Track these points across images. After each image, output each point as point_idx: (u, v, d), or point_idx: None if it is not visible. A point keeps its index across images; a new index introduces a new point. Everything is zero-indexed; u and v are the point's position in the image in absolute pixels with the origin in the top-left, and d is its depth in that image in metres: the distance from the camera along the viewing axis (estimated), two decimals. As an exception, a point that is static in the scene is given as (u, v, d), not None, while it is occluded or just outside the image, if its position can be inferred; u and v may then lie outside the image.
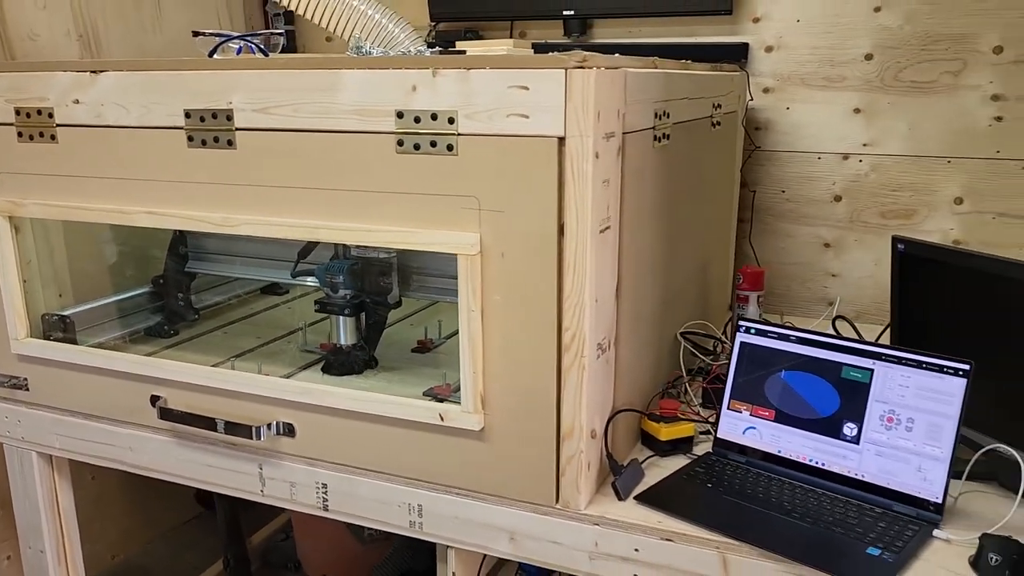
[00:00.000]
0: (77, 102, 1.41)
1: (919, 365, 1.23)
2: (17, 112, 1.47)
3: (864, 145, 2.13)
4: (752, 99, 2.15)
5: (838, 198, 2.18)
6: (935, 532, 1.17)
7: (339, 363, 1.53)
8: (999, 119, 1.99)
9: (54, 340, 1.63)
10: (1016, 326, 1.25)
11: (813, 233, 2.23)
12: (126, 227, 1.79)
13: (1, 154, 1.51)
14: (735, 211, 2.16)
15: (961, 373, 1.19)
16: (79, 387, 1.58)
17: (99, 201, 1.45)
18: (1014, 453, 1.20)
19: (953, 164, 2.06)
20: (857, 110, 2.11)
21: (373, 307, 1.55)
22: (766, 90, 2.19)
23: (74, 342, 1.65)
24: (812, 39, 2.12)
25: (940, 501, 1.19)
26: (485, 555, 1.44)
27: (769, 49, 2.16)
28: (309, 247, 1.60)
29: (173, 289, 1.89)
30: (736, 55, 2.15)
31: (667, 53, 2.17)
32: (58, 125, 1.44)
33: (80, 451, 1.63)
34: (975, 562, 1.09)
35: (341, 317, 1.54)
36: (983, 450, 1.24)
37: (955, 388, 1.20)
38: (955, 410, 1.19)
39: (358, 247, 1.51)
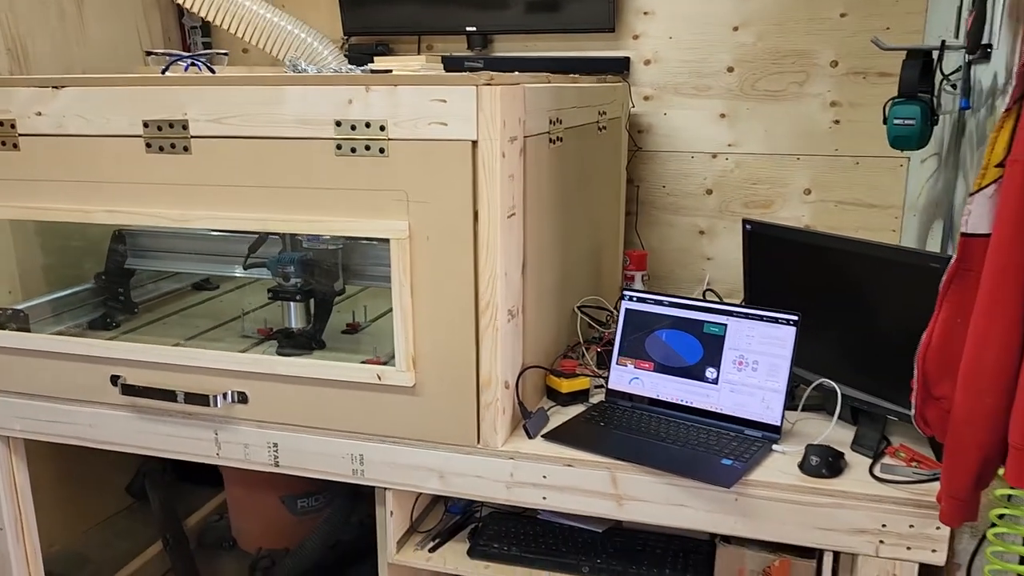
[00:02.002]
0: (39, 114, 1.58)
1: (760, 318, 1.55)
2: (-23, 123, 1.62)
3: (729, 145, 2.47)
4: (634, 106, 2.47)
5: (710, 191, 2.52)
6: (774, 447, 1.49)
7: (292, 344, 1.73)
8: (836, 122, 2.37)
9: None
10: (836, 286, 1.59)
11: (690, 222, 2.57)
12: (70, 228, 1.95)
13: (-39, 161, 1.65)
14: (623, 203, 2.46)
15: (791, 323, 1.52)
16: (39, 372, 1.73)
17: (61, 202, 1.62)
18: (834, 385, 1.54)
19: (801, 160, 2.43)
20: (722, 115, 2.46)
21: (321, 294, 1.76)
22: (646, 98, 2.51)
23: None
24: (682, 54, 2.45)
25: (779, 424, 1.51)
26: (418, 496, 1.68)
27: (647, 62, 2.48)
28: (259, 242, 1.79)
29: (114, 284, 2.05)
30: (619, 68, 2.46)
31: (560, 65, 2.48)
32: (20, 135, 1.60)
33: (42, 431, 1.78)
34: (801, 464, 1.42)
35: (292, 303, 1.74)
36: (813, 385, 1.58)
37: (787, 335, 1.52)
38: (788, 352, 1.52)
39: (309, 240, 1.72)
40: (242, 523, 2.64)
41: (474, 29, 2.54)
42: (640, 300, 1.68)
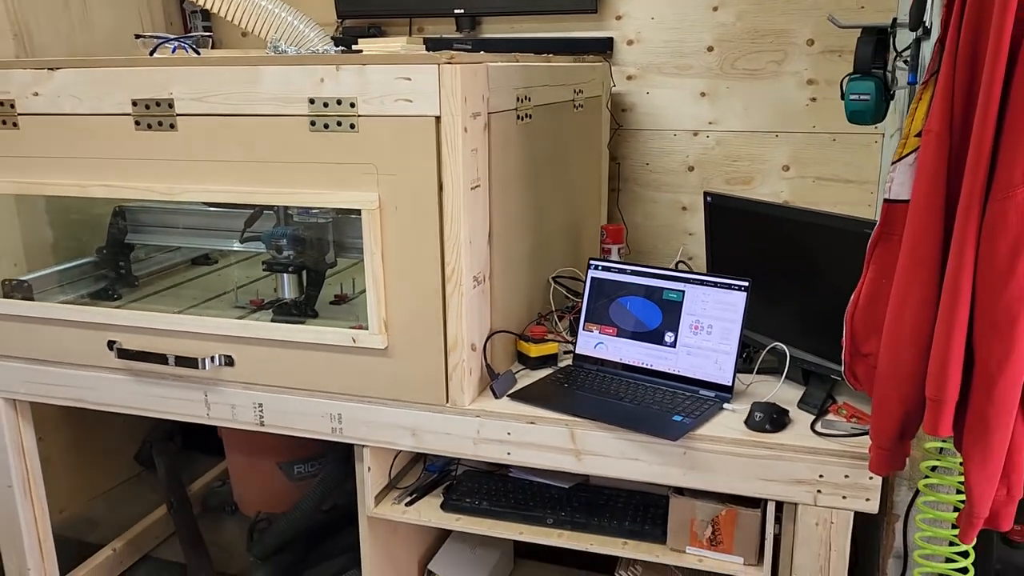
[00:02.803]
0: (36, 94, 1.69)
1: (714, 285, 1.63)
2: (-20, 104, 1.73)
3: (710, 123, 2.54)
4: (615, 85, 2.54)
5: (691, 168, 2.59)
6: (725, 406, 1.58)
7: (286, 314, 1.82)
8: (813, 99, 2.43)
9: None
10: (788, 254, 1.67)
11: (673, 199, 2.64)
12: (71, 204, 2.06)
13: (-34, 140, 1.76)
14: (604, 180, 2.54)
15: (742, 288, 1.60)
16: (43, 338, 1.85)
17: (58, 177, 1.73)
18: (784, 348, 1.62)
19: (780, 138, 2.49)
20: (703, 93, 2.52)
21: (313, 266, 1.85)
22: (629, 77, 2.57)
23: (32, 303, 1.91)
24: (664, 34, 2.51)
25: (730, 384, 1.60)
26: (396, 454, 1.78)
27: (630, 42, 2.55)
28: (254, 217, 1.88)
29: (115, 258, 2.16)
30: (602, 47, 2.53)
31: (545, 46, 2.55)
32: (19, 114, 1.71)
33: (45, 394, 1.90)
34: (746, 420, 1.50)
35: (285, 275, 1.83)
36: (767, 348, 1.66)
37: (739, 300, 1.60)
38: (739, 316, 1.60)
39: (300, 214, 1.81)
40: (242, 489, 2.76)
41: (462, 11, 2.62)
42: (605, 269, 1.77)
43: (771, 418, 1.48)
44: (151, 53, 1.78)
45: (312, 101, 1.52)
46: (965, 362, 1.16)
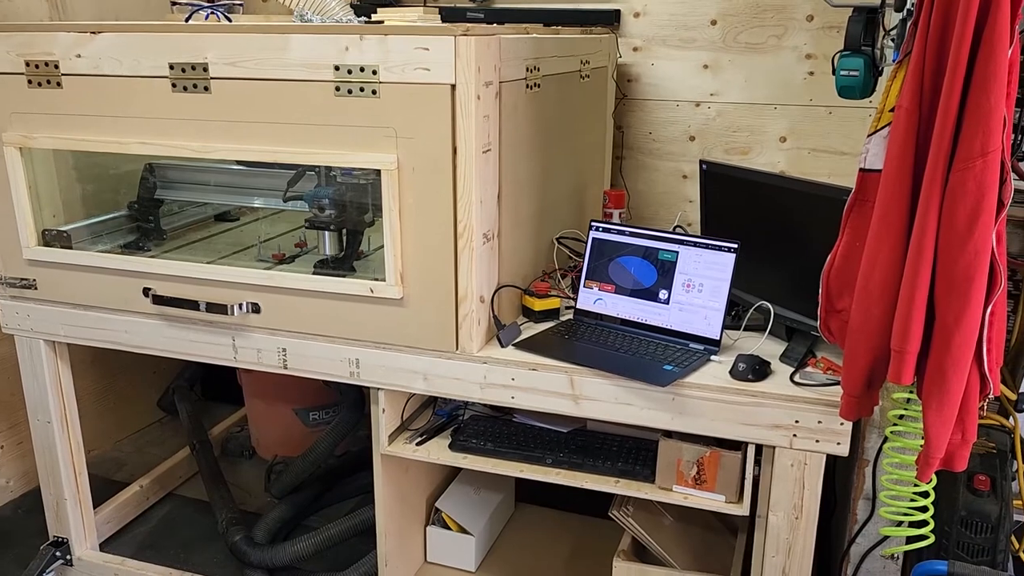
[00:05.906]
0: (79, 56, 1.81)
1: (706, 246, 1.76)
2: (27, 64, 1.85)
3: (711, 95, 2.64)
4: (621, 56, 2.64)
5: (693, 138, 2.70)
6: (712, 358, 1.71)
7: (327, 268, 1.93)
8: (811, 73, 2.53)
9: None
10: (775, 218, 1.79)
11: (674, 167, 2.75)
12: (104, 160, 2.19)
13: (12, 98, 1.89)
14: (609, 148, 2.65)
15: (731, 250, 1.73)
16: (81, 284, 1.99)
17: (99, 134, 1.85)
18: (769, 306, 1.75)
19: (778, 110, 2.60)
20: (705, 66, 2.62)
21: (353, 225, 1.95)
22: (635, 49, 2.67)
23: (71, 252, 2.04)
24: (670, 7, 2.61)
25: (717, 338, 1.73)
26: (409, 398, 1.93)
27: (637, 15, 2.64)
28: (297, 177, 1.98)
29: (145, 212, 2.29)
30: (610, 19, 2.63)
31: (555, 17, 2.65)
32: (63, 74, 1.83)
33: (82, 336, 2.04)
34: (731, 371, 1.64)
35: (327, 232, 1.95)
36: (754, 306, 1.79)
37: (728, 260, 1.73)
38: (728, 275, 1.73)
39: (343, 175, 1.92)
40: (261, 433, 2.92)
41: (476, -19, 2.71)
42: (605, 230, 1.90)
43: (753, 368, 1.61)
44: (187, 19, 1.90)
45: (337, 68, 1.64)
46: (927, 317, 1.29)
